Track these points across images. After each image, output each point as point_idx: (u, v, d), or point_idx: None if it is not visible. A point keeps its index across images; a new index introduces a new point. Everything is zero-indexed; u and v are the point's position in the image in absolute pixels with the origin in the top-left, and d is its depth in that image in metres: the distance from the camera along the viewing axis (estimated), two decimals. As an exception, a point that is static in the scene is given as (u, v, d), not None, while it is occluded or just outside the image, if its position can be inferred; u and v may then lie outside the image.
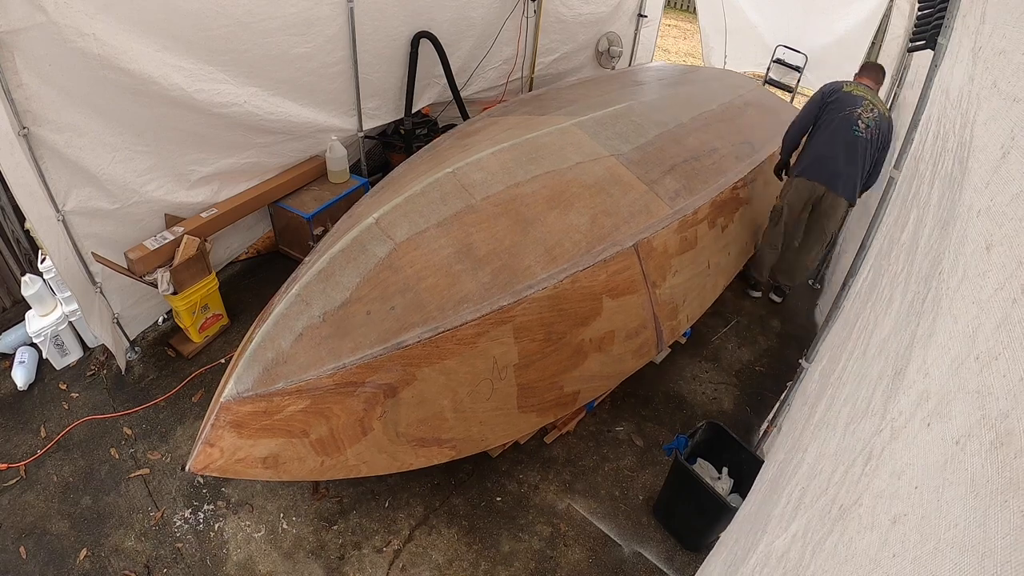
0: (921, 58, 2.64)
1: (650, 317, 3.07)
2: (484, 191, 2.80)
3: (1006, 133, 0.80)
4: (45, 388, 3.34)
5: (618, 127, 3.57)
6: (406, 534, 2.76)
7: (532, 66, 5.47)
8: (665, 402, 3.52)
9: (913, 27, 2.14)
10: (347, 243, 2.52)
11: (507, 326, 2.49)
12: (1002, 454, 0.51)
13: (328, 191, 4.09)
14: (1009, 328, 0.57)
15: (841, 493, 0.80)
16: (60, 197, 2.80)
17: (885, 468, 0.71)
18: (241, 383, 2.18)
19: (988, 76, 1.02)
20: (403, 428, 2.38)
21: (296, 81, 3.67)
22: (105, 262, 3.06)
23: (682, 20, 11.23)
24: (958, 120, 1.12)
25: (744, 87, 4.85)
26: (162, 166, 3.20)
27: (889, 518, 0.63)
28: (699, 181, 3.49)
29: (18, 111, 2.51)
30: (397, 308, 2.38)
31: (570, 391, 2.83)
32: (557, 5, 5.33)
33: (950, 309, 0.73)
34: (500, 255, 2.61)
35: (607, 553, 2.76)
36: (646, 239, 3.00)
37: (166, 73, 2.95)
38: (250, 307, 3.86)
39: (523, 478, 3.03)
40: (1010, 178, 0.72)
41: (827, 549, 0.76)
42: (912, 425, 0.68)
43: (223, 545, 2.68)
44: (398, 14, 4.09)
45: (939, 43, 1.97)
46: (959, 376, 0.62)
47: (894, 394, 0.79)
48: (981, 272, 0.68)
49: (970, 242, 0.76)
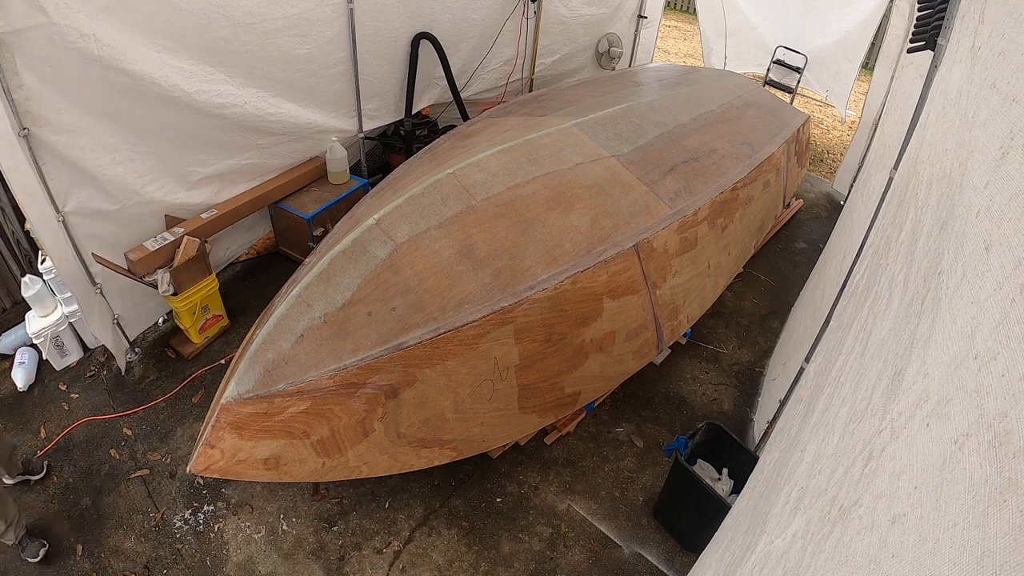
0: (920, 59, 2.64)
1: (650, 318, 3.07)
2: (485, 192, 2.80)
3: (1005, 133, 0.80)
4: (45, 389, 3.34)
5: (618, 128, 3.57)
6: (406, 535, 2.76)
7: (532, 67, 5.48)
8: (665, 403, 3.52)
9: (912, 28, 2.14)
10: (348, 244, 2.53)
11: (508, 327, 2.49)
12: (1000, 454, 0.51)
13: (328, 192, 4.10)
14: (1008, 327, 0.57)
15: (841, 494, 0.80)
16: (60, 198, 2.80)
17: (885, 468, 0.71)
18: (242, 384, 2.18)
19: (987, 76, 1.02)
20: (404, 429, 2.38)
21: (296, 82, 3.67)
22: (105, 263, 3.06)
23: (682, 21, 11.24)
24: (957, 120, 1.13)
25: (744, 88, 4.85)
26: (162, 167, 3.20)
27: (888, 518, 0.63)
28: (699, 182, 3.49)
29: (18, 112, 2.51)
30: (398, 309, 2.38)
31: (571, 392, 2.83)
32: (557, 6, 5.33)
33: (949, 309, 0.73)
34: (501, 256, 2.61)
35: (607, 554, 2.76)
36: (646, 240, 3.00)
37: (166, 74, 2.95)
38: (250, 308, 3.86)
39: (523, 479, 3.03)
40: (1009, 178, 0.72)
41: (827, 549, 0.76)
42: (912, 425, 0.68)
43: (223, 546, 2.68)
44: (398, 15, 4.10)
45: (938, 44, 1.97)
46: (958, 376, 0.62)
47: (894, 394, 0.79)
48: (980, 272, 0.68)
49: (969, 242, 0.76)
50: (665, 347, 3.40)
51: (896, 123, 3.72)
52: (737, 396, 3.62)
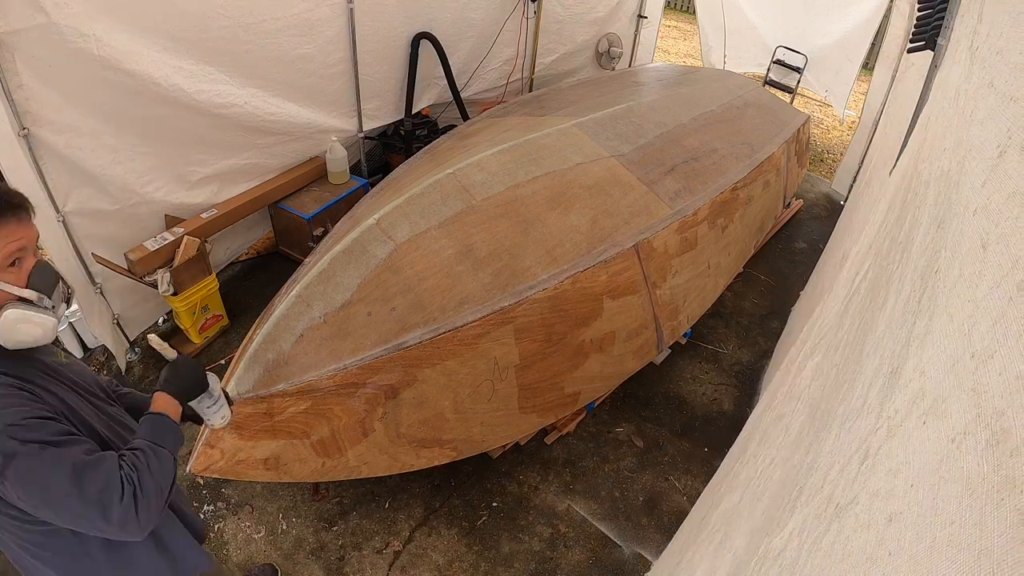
0: (923, 59, 2.65)
1: (650, 318, 3.07)
2: (484, 192, 2.80)
3: (1003, 132, 0.80)
4: (46, 389, 3.34)
5: (618, 128, 3.57)
6: (406, 535, 2.76)
7: (532, 67, 5.48)
8: (665, 403, 3.52)
9: (912, 28, 2.14)
10: (348, 244, 2.53)
11: (508, 327, 2.49)
12: (998, 452, 0.51)
13: (328, 192, 4.10)
14: (1005, 326, 0.57)
15: (837, 492, 0.80)
16: (60, 198, 2.81)
17: (881, 466, 0.71)
18: (241, 384, 2.18)
19: (985, 75, 1.02)
20: (404, 429, 2.38)
21: (296, 82, 3.67)
22: (105, 263, 3.06)
23: (682, 21, 11.24)
24: (956, 119, 1.13)
25: (744, 88, 4.86)
26: (162, 167, 3.21)
27: (885, 516, 0.63)
28: (699, 182, 3.49)
29: (18, 112, 2.52)
30: (398, 309, 2.38)
31: (571, 392, 2.83)
32: (557, 6, 5.33)
33: (946, 307, 0.73)
34: (501, 256, 2.61)
35: (607, 554, 2.76)
36: (646, 240, 3.00)
37: (166, 74, 2.96)
38: (250, 308, 3.86)
39: (523, 479, 3.03)
40: (1007, 176, 0.72)
41: (823, 548, 0.76)
42: (908, 423, 0.68)
43: (223, 546, 2.68)
44: (398, 15, 4.10)
45: (938, 44, 1.97)
46: (955, 374, 0.62)
47: (890, 392, 0.79)
48: (977, 270, 0.68)
49: (966, 240, 0.76)
50: (665, 347, 3.40)
51: (897, 123, 3.72)
52: (737, 396, 3.62)
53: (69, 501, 1.21)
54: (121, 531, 1.26)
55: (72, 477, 1.21)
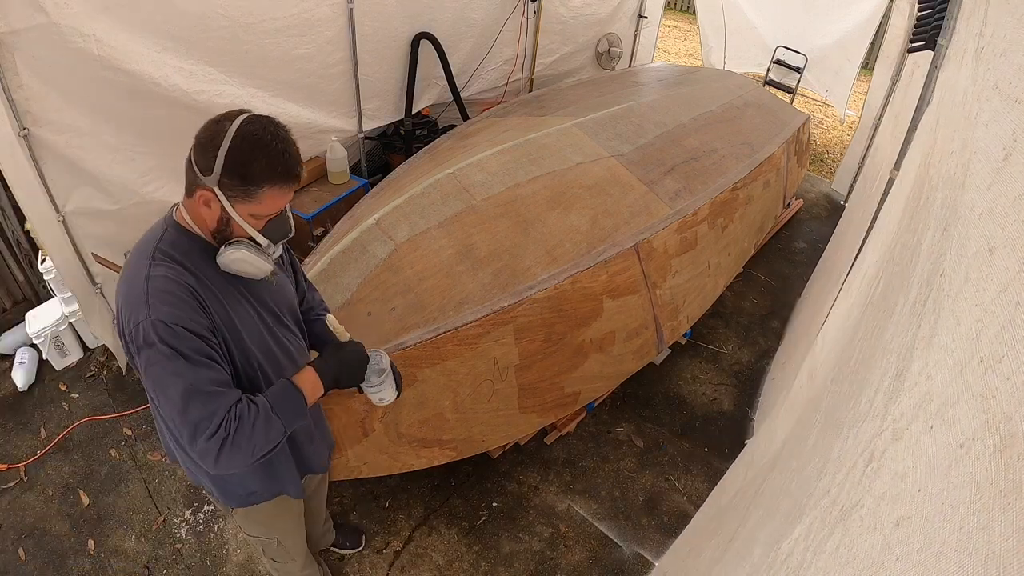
0: (927, 60, 2.64)
1: (650, 318, 3.07)
2: (484, 192, 2.80)
3: (1008, 135, 0.80)
4: (45, 389, 3.33)
5: (618, 128, 3.57)
6: (406, 535, 2.76)
7: (532, 67, 5.47)
8: (665, 403, 3.52)
9: (912, 28, 2.14)
10: (347, 244, 2.52)
11: (508, 327, 2.49)
12: (1006, 457, 0.51)
13: (328, 192, 4.09)
14: (1013, 330, 0.57)
15: (842, 495, 0.80)
16: (60, 198, 2.80)
17: (887, 470, 0.71)
18: (241, 384, 2.17)
19: (990, 77, 1.02)
20: (404, 429, 2.38)
21: (296, 82, 3.66)
22: (105, 263, 3.05)
23: (682, 21, 11.23)
24: (962, 122, 1.12)
25: (744, 88, 4.85)
26: (162, 167, 3.19)
27: (892, 521, 0.63)
28: (699, 182, 3.49)
29: (18, 112, 2.51)
30: (398, 309, 2.38)
31: (570, 392, 2.83)
32: (557, 6, 5.32)
33: (952, 311, 0.73)
34: (501, 256, 2.61)
35: (607, 554, 2.76)
36: (646, 240, 3.00)
37: (166, 74, 2.95)
38: (250, 308, 3.85)
39: (523, 479, 3.03)
40: (1013, 180, 0.72)
41: (828, 551, 0.76)
42: (914, 427, 0.68)
43: (223, 546, 2.68)
44: (398, 15, 4.09)
45: (939, 44, 1.97)
46: (963, 379, 0.62)
47: (895, 395, 0.79)
48: (984, 275, 0.68)
49: (972, 244, 0.76)
50: (665, 347, 3.40)
51: (898, 124, 3.72)
52: (737, 396, 3.62)
53: (171, 410, 1.33)
54: (199, 458, 1.35)
55: (183, 394, 1.31)
